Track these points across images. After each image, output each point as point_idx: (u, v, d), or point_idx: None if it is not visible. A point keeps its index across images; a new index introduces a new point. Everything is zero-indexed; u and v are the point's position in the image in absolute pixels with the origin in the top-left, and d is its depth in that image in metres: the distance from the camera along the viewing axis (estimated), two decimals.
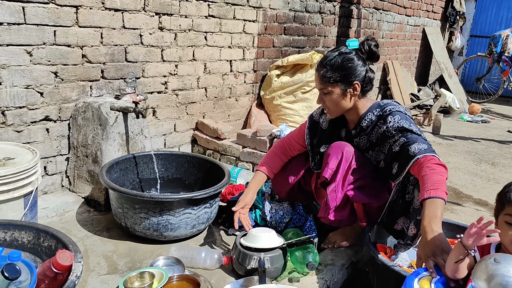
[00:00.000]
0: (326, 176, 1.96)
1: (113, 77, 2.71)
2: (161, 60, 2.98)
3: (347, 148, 1.98)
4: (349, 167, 1.96)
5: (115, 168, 2.40)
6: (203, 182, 2.62)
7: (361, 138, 2.03)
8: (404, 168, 1.82)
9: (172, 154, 2.65)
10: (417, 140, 1.81)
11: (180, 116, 3.24)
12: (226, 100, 3.61)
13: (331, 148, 2.02)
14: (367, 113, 2.01)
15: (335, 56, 1.95)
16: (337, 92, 1.95)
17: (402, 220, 1.96)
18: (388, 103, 1.99)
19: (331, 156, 1.98)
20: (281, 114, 3.78)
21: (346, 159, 1.96)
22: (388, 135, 1.90)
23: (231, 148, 3.17)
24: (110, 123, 2.43)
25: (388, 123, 1.90)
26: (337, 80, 1.94)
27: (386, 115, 1.93)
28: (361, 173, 1.98)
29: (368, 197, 1.99)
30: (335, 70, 1.93)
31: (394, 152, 1.87)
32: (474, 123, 6.09)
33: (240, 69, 3.65)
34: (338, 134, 2.16)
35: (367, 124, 2.00)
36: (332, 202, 1.95)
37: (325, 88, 1.96)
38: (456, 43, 8.14)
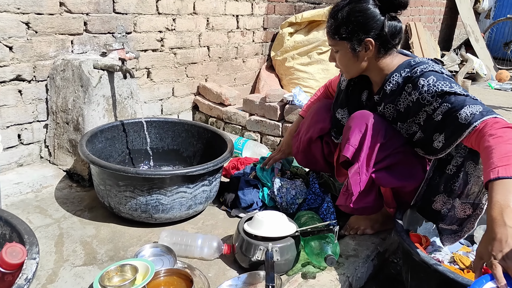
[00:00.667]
0: (347, 155, 1.59)
1: (98, 30, 2.32)
2: (156, 13, 2.58)
3: (373, 118, 1.59)
4: (375, 143, 1.57)
5: (99, 137, 2.05)
6: (203, 154, 2.26)
7: (386, 106, 1.63)
8: (454, 140, 1.42)
9: (168, 122, 2.28)
10: (465, 102, 1.40)
11: (179, 78, 2.85)
12: (232, 61, 3.21)
13: (353, 119, 1.63)
14: (393, 74, 1.60)
15: (344, 6, 1.56)
16: (346, 51, 1.59)
17: (441, 199, 1.59)
18: (421, 62, 1.58)
19: (353, 129, 1.60)
20: (294, 77, 3.37)
21: (372, 132, 1.57)
22: (424, 103, 1.50)
23: (237, 115, 2.79)
24: (93, 84, 2.06)
25: (421, 88, 1.50)
26: (343, 37, 1.56)
27: (416, 78, 1.52)
28: (390, 148, 1.60)
29: (399, 179, 1.62)
30: (342, 23, 1.55)
31: (436, 122, 1.48)
32: (503, 91, 5.61)
33: (248, 26, 3.22)
34: (358, 98, 1.78)
35: (391, 88, 1.60)
36: (355, 187, 1.59)
37: (334, 45, 1.61)
38: (484, 5, 7.51)
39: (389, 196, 1.74)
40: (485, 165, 1.24)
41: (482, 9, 7.56)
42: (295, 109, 2.54)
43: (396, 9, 1.54)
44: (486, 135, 1.28)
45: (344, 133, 1.66)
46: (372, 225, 1.82)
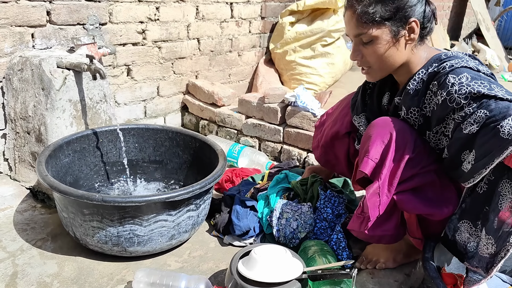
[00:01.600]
0: (366, 171, 1.27)
1: (66, 21, 1.96)
2: (136, 0, 2.22)
3: (398, 126, 1.27)
4: (400, 158, 1.25)
5: (65, 150, 1.71)
6: (191, 166, 1.93)
7: (410, 111, 1.30)
8: (490, 161, 1.09)
9: (148, 129, 1.94)
10: (509, 110, 1.08)
11: (164, 75, 2.50)
12: (226, 55, 2.85)
13: (374, 126, 1.31)
14: (420, 70, 1.28)
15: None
16: (385, 37, 1.25)
17: (466, 227, 1.25)
18: (453, 56, 1.25)
19: (373, 140, 1.27)
20: (296, 73, 3.02)
21: (397, 144, 1.25)
22: (453, 106, 1.17)
23: (231, 118, 2.45)
24: (56, 86, 1.71)
25: (450, 87, 1.17)
26: (385, 17, 1.23)
27: (444, 74, 1.20)
28: (419, 166, 1.27)
29: (428, 205, 1.29)
30: (381, 3, 1.22)
31: (465, 135, 1.14)
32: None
33: (243, 15, 2.86)
34: (378, 102, 1.46)
35: (415, 88, 1.29)
36: (373, 211, 1.27)
37: (366, 33, 1.26)
38: None
39: (413, 223, 1.40)
40: None
41: None
42: (298, 112, 2.20)
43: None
44: None
45: (363, 143, 1.33)
46: (394, 257, 1.49)
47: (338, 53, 3.06)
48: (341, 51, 3.09)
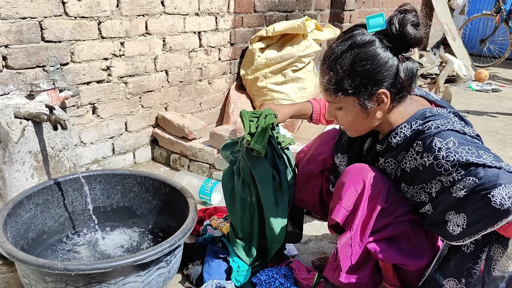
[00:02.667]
0: (338, 219, 1.26)
1: (24, 65, 1.88)
2: (99, 37, 2.14)
3: (371, 174, 1.26)
4: (373, 207, 1.24)
5: (26, 205, 1.61)
6: (161, 212, 1.86)
7: (387, 161, 1.28)
8: (483, 228, 1.09)
9: (116, 175, 1.86)
10: (498, 179, 1.06)
11: (132, 111, 2.42)
12: (196, 84, 2.79)
13: (347, 174, 1.29)
14: (402, 124, 1.26)
15: (343, 52, 1.19)
16: (352, 108, 1.23)
17: (452, 285, 1.24)
18: (438, 114, 1.23)
19: (346, 187, 1.26)
20: (268, 98, 2.99)
21: (370, 193, 1.24)
22: (440, 171, 1.15)
23: (203, 152, 2.39)
24: (14, 139, 1.62)
25: (437, 152, 1.14)
26: (349, 93, 1.20)
27: (429, 136, 1.17)
28: (392, 215, 1.27)
29: (401, 255, 1.28)
30: (345, 77, 1.19)
31: (453, 198, 1.13)
32: (484, 93, 5.41)
33: (212, 43, 2.81)
34: (360, 145, 1.44)
35: (397, 142, 1.26)
36: (345, 261, 1.25)
37: (334, 102, 1.25)
38: (458, 1, 7.29)
39: (389, 270, 1.39)
40: None
41: (457, 5, 7.34)
42: None
43: (409, 47, 1.18)
44: None
45: (336, 190, 1.31)
46: None
47: (309, 77, 3.05)
48: (311, 75, 3.08)
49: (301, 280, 1.55)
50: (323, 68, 1.24)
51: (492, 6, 6.76)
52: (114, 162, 2.41)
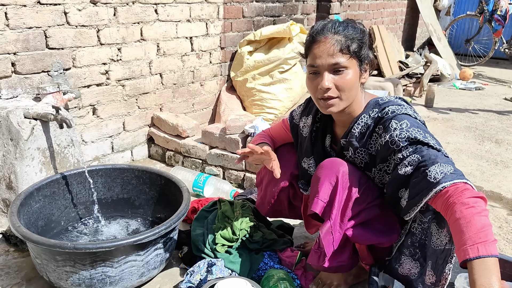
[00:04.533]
0: (317, 210, 1.42)
1: (30, 70, 2.06)
2: (98, 44, 2.33)
3: (343, 168, 1.42)
4: (348, 197, 1.40)
5: (36, 197, 1.80)
6: (157, 202, 2.05)
7: (357, 152, 1.46)
8: (420, 200, 1.27)
9: (115, 169, 2.04)
10: (437, 158, 1.26)
11: (129, 111, 2.61)
12: (189, 86, 2.98)
13: (322, 168, 1.46)
14: (361, 115, 1.44)
15: (344, 24, 1.39)
16: (354, 69, 1.38)
17: (408, 263, 1.43)
18: (389, 101, 1.43)
19: (322, 181, 1.42)
20: (257, 99, 3.18)
21: (343, 185, 1.40)
22: (394, 148, 1.34)
23: (196, 149, 2.58)
24: (24, 137, 1.80)
25: (393, 131, 1.34)
26: (355, 53, 1.37)
27: (388, 119, 1.37)
28: (365, 202, 1.43)
29: (377, 235, 1.45)
30: (354, 38, 1.37)
31: (402, 175, 1.32)
32: (468, 91, 5.61)
33: (203, 47, 3.00)
34: (322, 144, 1.60)
35: (360, 131, 1.44)
36: (329, 248, 1.41)
37: (341, 63, 1.34)
38: (443, 2, 7.52)
39: (364, 250, 1.57)
40: (460, 239, 1.11)
41: (442, 7, 7.58)
42: None
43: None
44: (457, 204, 1.15)
45: (313, 185, 1.48)
46: (345, 279, 1.66)
47: (295, 78, 3.24)
48: (298, 76, 3.28)
49: (285, 258, 1.74)
50: (331, 30, 1.36)
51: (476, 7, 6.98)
52: (113, 159, 2.59)
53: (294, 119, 1.70)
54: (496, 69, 7.20)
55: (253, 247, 1.74)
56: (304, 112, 1.65)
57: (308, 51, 1.41)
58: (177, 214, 1.66)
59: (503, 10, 6.43)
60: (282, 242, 1.80)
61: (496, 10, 6.47)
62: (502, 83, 6.24)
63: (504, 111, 4.71)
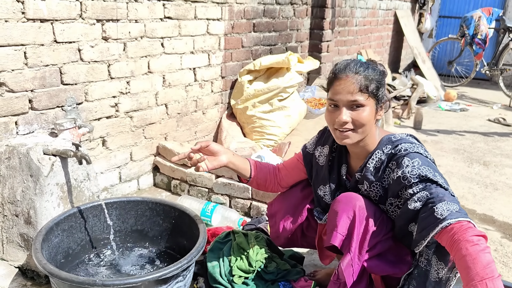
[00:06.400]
0: (336, 243, 1.51)
1: (46, 106, 2.12)
2: (109, 78, 2.40)
3: (359, 202, 1.52)
4: (365, 230, 1.50)
5: (55, 231, 1.84)
6: (171, 233, 2.10)
7: (372, 186, 1.56)
8: (427, 234, 1.37)
9: (130, 201, 2.10)
10: (444, 196, 1.38)
11: (136, 142, 2.68)
12: (192, 115, 3.07)
13: (338, 202, 1.55)
14: (375, 151, 1.55)
15: (366, 63, 1.52)
16: (372, 108, 1.51)
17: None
18: (401, 139, 1.55)
19: (340, 215, 1.52)
20: (257, 126, 3.28)
21: (361, 219, 1.50)
22: (405, 184, 1.45)
23: (202, 178, 2.65)
24: (44, 173, 1.85)
25: (405, 168, 1.45)
26: (373, 93, 1.49)
27: (401, 156, 1.49)
28: (380, 234, 1.53)
29: (391, 266, 1.55)
30: (373, 79, 1.49)
31: (411, 210, 1.43)
32: (453, 112, 5.82)
33: (205, 77, 3.10)
34: (338, 173, 1.70)
35: (375, 166, 1.55)
36: (349, 279, 1.50)
37: (359, 101, 1.47)
38: (426, 25, 7.82)
39: (378, 280, 1.66)
40: (467, 274, 1.20)
41: (425, 29, 7.87)
42: None
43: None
44: (462, 241, 1.25)
45: (331, 219, 1.57)
46: None
47: (293, 105, 3.36)
48: (296, 103, 3.39)
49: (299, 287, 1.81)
50: (350, 74, 1.46)
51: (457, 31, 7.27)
52: (120, 189, 2.64)
53: (307, 148, 1.80)
54: (478, 90, 7.48)
55: (268, 278, 1.82)
56: (319, 142, 1.76)
57: (330, 86, 1.54)
58: (197, 248, 1.72)
59: (483, 34, 6.72)
60: (295, 272, 1.88)
61: (477, 34, 6.76)
62: (485, 104, 6.49)
63: (489, 133, 4.90)
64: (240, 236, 1.95)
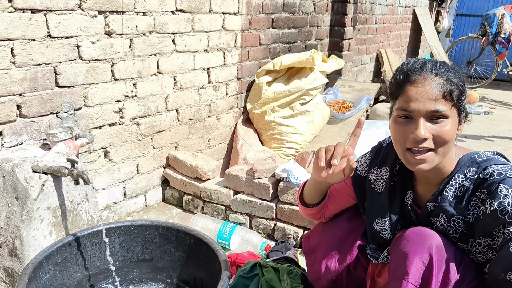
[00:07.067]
0: None
1: (38, 113, 1.79)
2: (112, 79, 2.07)
3: (436, 242, 1.18)
4: (445, 280, 1.16)
5: (45, 267, 1.51)
6: (186, 263, 1.77)
7: (451, 220, 1.22)
8: None
9: (136, 226, 1.77)
10: None
11: (144, 152, 2.34)
12: (205, 121, 2.73)
13: (407, 241, 1.21)
14: (455, 174, 1.21)
15: (443, 62, 1.20)
16: (453, 121, 1.16)
17: None
18: (490, 159, 1.20)
19: (410, 259, 1.18)
20: (276, 132, 2.95)
21: (439, 264, 1.16)
22: (505, 219, 1.10)
23: (218, 193, 2.31)
24: (33, 195, 1.52)
25: (503, 198, 1.11)
26: (458, 100, 1.16)
27: (495, 183, 1.13)
28: (463, 284, 1.18)
29: None
30: (457, 83, 1.16)
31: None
32: (477, 115, 5.48)
33: (220, 79, 2.76)
34: (401, 202, 1.35)
35: (455, 194, 1.20)
36: None
37: (442, 111, 1.13)
38: (444, 24, 7.47)
39: None
40: None
41: (443, 28, 7.52)
42: (292, 188, 2.10)
43: None
44: None
45: (397, 262, 1.22)
46: None
47: (316, 109, 3.02)
48: (319, 107, 3.06)
49: None
50: (429, 75, 1.15)
51: (477, 29, 6.92)
52: (125, 206, 2.31)
53: (357, 170, 1.44)
54: (499, 92, 7.12)
55: None
56: (374, 162, 1.41)
57: (399, 91, 1.19)
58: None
59: (507, 32, 6.37)
60: None
61: (500, 32, 6.42)
62: (509, 106, 6.14)
63: None
64: (269, 272, 1.62)
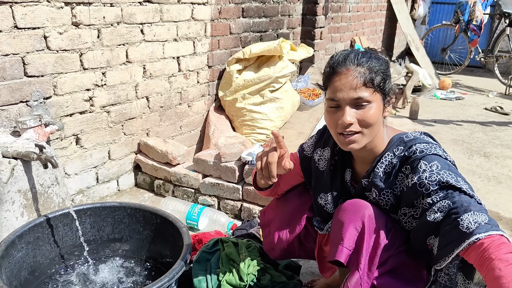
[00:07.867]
0: (341, 260, 1.29)
1: (7, 101, 1.87)
2: (81, 69, 2.15)
3: (368, 211, 1.30)
4: (376, 244, 1.29)
5: (18, 245, 1.61)
6: (153, 241, 1.88)
7: (382, 193, 1.35)
8: (451, 250, 1.15)
9: (105, 207, 1.87)
10: (470, 206, 1.15)
11: (115, 139, 2.43)
12: (176, 109, 2.83)
13: (344, 211, 1.34)
14: (385, 153, 1.34)
15: (368, 52, 1.30)
16: (378, 105, 1.27)
17: None
18: (415, 139, 1.33)
19: (346, 227, 1.30)
20: (247, 119, 3.05)
21: (370, 230, 1.29)
22: (422, 192, 1.23)
23: (188, 177, 2.42)
24: (3, 179, 1.61)
25: (422, 173, 1.24)
26: (380, 86, 1.27)
27: (416, 159, 1.27)
28: (392, 248, 1.32)
29: (404, 283, 1.34)
30: (378, 70, 1.26)
31: (431, 222, 1.21)
32: (449, 101, 5.65)
33: (191, 67, 2.85)
34: (342, 179, 1.48)
35: (385, 170, 1.33)
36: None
37: (365, 97, 1.24)
38: (419, 11, 7.62)
39: None
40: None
41: (418, 16, 7.67)
42: None
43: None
44: (494, 260, 1.04)
45: (335, 230, 1.35)
46: None
47: (286, 97, 3.13)
48: (288, 94, 3.17)
49: None
50: (351, 66, 1.25)
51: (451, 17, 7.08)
52: (98, 191, 2.40)
53: (305, 151, 1.57)
54: (472, 78, 7.31)
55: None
56: (318, 144, 1.53)
57: (328, 83, 1.31)
58: (179, 263, 1.50)
59: (478, 20, 6.53)
60: (292, 284, 1.67)
61: (472, 20, 6.57)
62: (480, 92, 6.33)
63: (487, 122, 4.74)
64: (229, 246, 1.74)
